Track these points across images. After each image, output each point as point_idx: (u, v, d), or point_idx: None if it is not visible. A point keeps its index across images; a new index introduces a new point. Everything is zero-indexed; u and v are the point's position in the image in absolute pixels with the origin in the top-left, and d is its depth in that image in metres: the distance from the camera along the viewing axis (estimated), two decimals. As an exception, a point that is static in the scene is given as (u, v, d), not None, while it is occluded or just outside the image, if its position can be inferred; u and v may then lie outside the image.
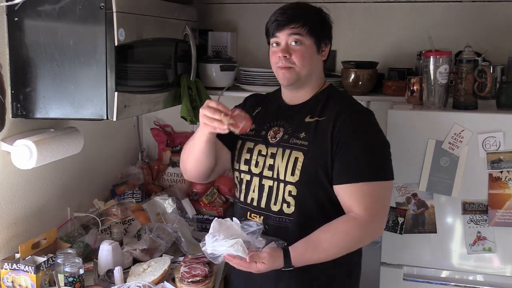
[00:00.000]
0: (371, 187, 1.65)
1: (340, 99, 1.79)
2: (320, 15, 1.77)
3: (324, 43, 1.76)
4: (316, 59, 1.75)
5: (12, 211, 1.94)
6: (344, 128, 1.67)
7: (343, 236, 1.65)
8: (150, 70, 2.12)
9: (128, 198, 2.49)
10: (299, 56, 1.71)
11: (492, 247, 2.08)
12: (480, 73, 2.11)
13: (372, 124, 1.74)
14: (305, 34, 1.70)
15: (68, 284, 1.79)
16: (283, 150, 1.73)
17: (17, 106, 1.86)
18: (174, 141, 2.94)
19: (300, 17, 1.70)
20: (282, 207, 1.73)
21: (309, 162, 1.69)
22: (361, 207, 1.64)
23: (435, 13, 2.55)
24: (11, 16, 1.81)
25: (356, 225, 1.64)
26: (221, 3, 2.78)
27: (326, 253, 1.66)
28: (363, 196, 1.64)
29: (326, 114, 1.72)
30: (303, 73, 1.72)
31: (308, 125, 1.73)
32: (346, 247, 1.68)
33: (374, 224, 1.67)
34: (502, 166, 2.03)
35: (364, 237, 1.69)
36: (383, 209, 1.70)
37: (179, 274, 1.93)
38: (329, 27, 1.79)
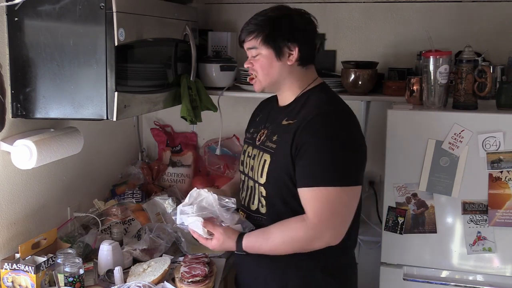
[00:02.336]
0: (321, 192, 1.63)
1: (315, 100, 1.75)
2: (281, 20, 1.72)
3: (287, 48, 1.72)
4: (277, 66, 1.74)
5: (12, 211, 1.94)
6: (304, 131, 1.66)
7: (289, 234, 1.67)
8: (150, 70, 2.12)
9: (128, 198, 2.49)
10: (258, 66, 1.76)
11: (492, 247, 2.08)
12: (480, 73, 2.11)
13: (333, 127, 1.67)
14: (260, 44, 1.73)
15: (68, 284, 1.79)
16: (259, 152, 1.80)
17: (17, 106, 1.86)
18: (174, 141, 2.94)
19: (254, 29, 1.73)
20: (258, 206, 1.81)
21: (274, 165, 1.73)
22: (311, 211, 1.64)
23: (435, 13, 2.55)
24: (11, 16, 1.81)
25: (303, 226, 1.65)
26: (221, 3, 2.78)
27: (274, 247, 1.69)
28: (313, 201, 1.64)
29: (298, 117, 1.72)
30: (266, 81, 1.77)
31: (282, 128, 1.75)
32: (292, 246, 1.68)
33: (323, 230, 1.64)
34: (502, 166, 2.03)
35: (311, 240, 1.66)
36: (335, 216, 1.65)
37: (179, 274, 1.93)
38: (293, 29, 1.72)
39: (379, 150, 2.27)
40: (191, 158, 2.88)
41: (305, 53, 1.74)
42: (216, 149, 2.81)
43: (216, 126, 2.78)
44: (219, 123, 2.71)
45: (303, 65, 1.76)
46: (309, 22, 1.76)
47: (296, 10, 1.76)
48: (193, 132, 2.96)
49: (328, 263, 1.75)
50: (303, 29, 1.73)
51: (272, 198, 1.75)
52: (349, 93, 2.47)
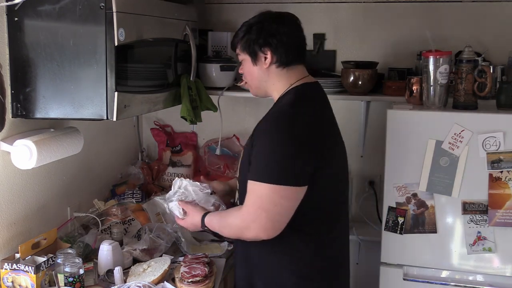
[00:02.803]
0: (254, 186, 1.69)
1: (284, 100, 1.79)
2: (251, 27, 1.79)
3: (261, 52, 1.78)
4: (255, 70, 1.81)
5: (12, 211, 1.94)
6: (256, 130, 1.76)
7: (229, 219, 1.78)
8: (150, 70, 2.12)
9: (128, 198, 2.49)
10: (244, 72, 1.87)
11: (492, 247, 2.08)
12: (480, 73, 2.11)
13: (277, 127, 1.70)
14: (240, 52, 1.83)
15: (68, 284, 1.79)
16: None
17: (17, 106, 1.86)
18: (174, 141, 2.94)
19: (236, 38, 1.84)
20: (236, 199, 1.94)
21: (242, 160, 1.84)
22: (245, 202, 1.72)
23: (435, 13, 2.55)
24: (11, 16, 1.81)
25: (236, 214, 1.75)
26: (221, 3, 2.78)
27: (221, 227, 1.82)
28: (248, 193, 1.72)
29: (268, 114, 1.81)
30: (253, 85, 1.87)
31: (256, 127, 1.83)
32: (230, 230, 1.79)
33: (249, 221, 1.70)
34: (502, 166, 2.03)
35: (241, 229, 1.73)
36: (260, 210, 1.66)
37: (179, 274, 1.93)
38: (264, 33, 1.77)
39: (379, 150, 2.27)
40: (191, 158, 2.88)
41: (281, 55, 1.78)
42: (216, 149, 2.81)
43: (216, 126, 2.78)
44: (219, 123, 2.71)
45: (283, 66, 1.79)
46: (283, 25, 1.79)
47: (274, 15, 1.81)
48: (193, 132, 2.96)
49: (299, 266, 1.77)
50: (274, 33, 1.77)
51: (242, 192, 1.80)
52: (349, 93, 2.47)
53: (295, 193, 1.68)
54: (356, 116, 2.68)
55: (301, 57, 1.83)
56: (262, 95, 1.90)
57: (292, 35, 1.79)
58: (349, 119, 2.70)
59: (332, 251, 1.84)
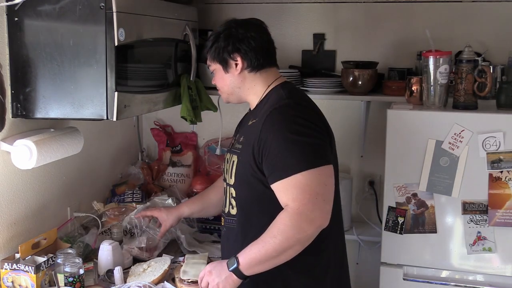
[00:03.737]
0: (295, 179, 1.62)
1: (275, 96, 1.78)
2: (218, 36, 1.81)
3: (231, 59, 1.79)
4: (227, 78, 1.82)
5: (12, 211, 1.94)
6: (264, 130, 1.69)
7: (276, 226, 1.61)
8: (150, 70, 2.12)
9: (128, 198, 2.48)
10: (216, 81, 1.88)
11: (492, 247, 2.08)
12: (480, 73, 2.11)
13: (287, 117, 1.69)
14: (211, 61, 1.85)
15: (68, 284, 1.80)
16: (230, 155, 1.85)
17: (17, 106, 1.86)
18: (174, 141, 2.94)
19: (206, 47, 1.86)
20: (229, 209, 1.83)
21: (240, 164, 1.77)
22: (289, 199, 1.62)
23: (435, 13, 2.55)
24: (11, 16, 1.81)
25: (286, 214, 1.61)
26: (221, 3, 2.78)
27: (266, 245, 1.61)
28: (289, 190, 1.63)
29: (259, 115, 1.76)
30: (225, 92, 1.88)
31: (248, 128, 1.80)
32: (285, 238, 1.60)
33: (309, 212, 1.60)
34: (502, 166, 2.03)
35: (301, 226, 1.60)
36: (315, 196, 1.61)
37: (179, 274, 1.93)
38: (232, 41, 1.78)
39: (379, 150, 2.27)
40: (191, 158, 2.88)
41: (252, 60, 1.78)
42: (216, 149, 2.81)
43: (216, 126, 2.78)
44: (219, 123, 2.71)
45: (255, 70, 1.80)
46: (250, 30, 1.79)
47: (239, 21, 1.82)
48: (193, 132, 2.96)
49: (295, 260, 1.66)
50: (242, 38, 1.78)
51: (241, 198, 1.77)
52: (349, 93, 2.47)
53: (331, 170, 1.68)
54: (356, 116, 2.68)
55: (272, 60, 1.85)
56: (235, 101, 1.90)
57: (259, 39, 1.80)
58: (349, 119, 2.70)
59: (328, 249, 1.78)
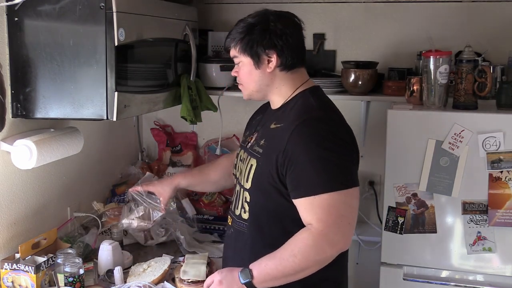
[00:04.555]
0: (321, 199, 1.56)
1: (304, 104, 1.69)
2: (254, 27, 1.68)
3: (265, 55, 1.68)
4: (257, 74, 1.71)
5: (12, 211, 1.94)
6: (293, 141, 1.60)
7: (297, 246, 1.57)
8: (150, 70, 2.12)
9: (128, 198, 2.49)
10: (240, 75, 1.76)
11: (492, 247, 2.08)
12: (480, 73, 2.11)
13: (320, 133, 1.61)
14: (239, 53, 1.72)
15: (68, 284, 1.80)
16: (247, 156, 1.77)
17: (17, 106, 1.86)
18: (174, 141, 2.94)
19: (233, 38, 1.72)
20: (241, 212, 1.76)
21: (259, 170, 1.69)
22: (314, 219, 1.57)
23: (435, 13, 2.55)
24: (11, 16, 1.81)
25: (308, 235, 1.57)
26: (221, 3, 2.78)
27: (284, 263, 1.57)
28: (315, 209, 1.57)
29: (286, 121, 1.67)
30: (250, 88, 1.75)
31: (270, 132, 1.72)
32: (305, 258, 1.57)
33: (331, 234, 1.57)
34: (502, 166, 2.03)
35: (322, 248, 1.57)
36: (340, 218, 1.57)
37: (179, 274, 1.93)
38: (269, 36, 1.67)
39: (379, 150, 2.27)
40: (191, 158, 2.87)
41: (287, 58, 1.69)
42: (216, 149, 2.81)
43: (216, 126, 2.78)
44: (219, 123, 2.71)
45: (287, 70, 1.71)
46: (289, 25, 1.70)
47: (276, 14, 1.71)
48: (193, 132, 2.96)
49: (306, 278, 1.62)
50: (281, 34, 1.67)
51: (255, 205, 1.70)
52: (349, 93, 2.47)
53: (357, 192, 1.63)
54: (356, 116, 2.68)
55: (304, 59, 1.76)
56: (258, 99, 1.81)
57: (296, 36, 1.71)
58: (349, 119, 2.65)
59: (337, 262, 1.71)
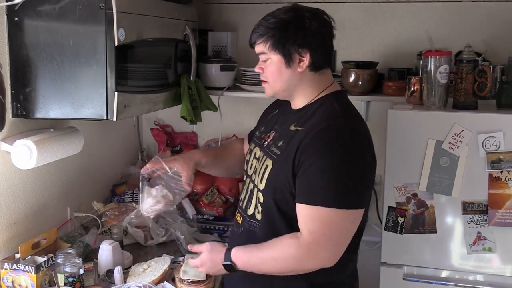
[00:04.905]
0: (318, 212, 1.52)
1: (327, 110, 1.63)
2: (288, 24, 1.59)
3: (298, 54, 1.60)
4: (287, 73, 1.63)
5: (12, 211, 1.94)
6: (310, 145, 1.55)
7: (281, 250, 1.57)
8: (150, 70, 2.12)
9: (128, 198, 2.49)
10: (267, 72, 1.66)
11: (492, 247, 2.08)
12: (480, 73, 2.11)
13: (340, 144, 1.55)
14: (269, 50, 1.62)
15: (68, 284, 1.79)
16: (263, 155, 1.72)
17: (17, 106, 1.86)
18: (174, 141, 2.94)
19: (264, 33, 1.61)
20: (254, 212, 1.72)
21: (274, 172, 1.64)
22: (306, 229, 1.54)
23: (435, 13, 2.55)
24: (11, 16, 1.81)
25: (294, 243, 1.55)
26: (221, 3, 2.78)
27: (265, 261, 1.59)
28: (310, 219, 1.54)
29: (306, 125, 1.62)
30: (277, 87, 1.67)
31: (289, 133, 1.66)
32: (284, 263, 1.58)
33: (317, 250, 1.54)
34: (502, 166, 2.03)
35: (304, 259, 1.56)
36: (330, 238, 1.54)
37: (179, 274, 1.92)
38: (305, 35, 1.59)
39: (379, 150, 2.26)
40: (191, 158, 2.87)
41: (318, 58, 1.62)
42: (216, 149, 2.81)
43: (216, 126, 2.78)
44: (219, 123, 2.71)
45: (315, 70, 1.64)
46: (324, 24, 1.63)
47: (311, 11, 1.63)
48: (193, 132, 2.96)
49: (317, 279, 1.63)
50: (316, 33, 1.60)
51: (269, 206, 1.66)
52: (349, 93, 2.47)
53: (360, 215, 1.58)
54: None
55: (331, 60, 1.71)
56: (283, 98, 1.73)
57: (329, 36, 1.65)
58: (349, 119, 2.69)
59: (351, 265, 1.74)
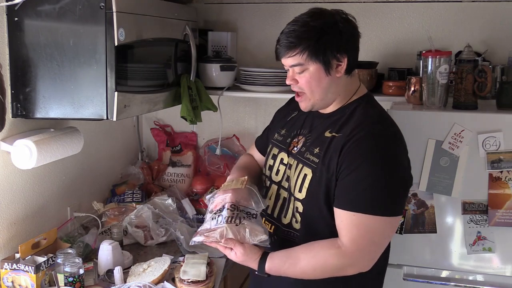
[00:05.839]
0: (361, 219, 1.52)
1: (363, 115, 1.61)
2: (325, 32, 1.55)
3: (335, 59, 1.56)
4: (326, 80, 1.58)
5: (12, 211, 1.94)
6: (351, 150, 1.54)
7: (321, 261, 1.56)
8: (150, 70, 2.12)
9: (128, 198, 2.49)
10: (304, 84, 1.59)
11: (492, 247, 2.08)
12: (480, 73, 2.11)
13: (384, 152, 1.55)
14: (306, 60, 1.55)
15: (68, 284, 1.80)
16: (297, 163, 1.67)
17: (17, 106, 1.86)
18: (174, 141, 2.94)
19: (298, 43, 1.54)
20: (291, 221, 1.68)
21: (316, 181, 1.61)
22: (347, 236, 1.54)
23: (435, 13, 2.55)
24: (11, 16, 1.81)
25: (336, 253, 1.55)
26: (221, 3, 2.78)
27: (303, 273, 1.59)
28: (351, 226, 1.53)
29: (343, 131, 1.59)
30: (316, 98, 1.62)
31: (325, 140, 1.62)
32: (322, 273, 1.58)
33: (358, 258, 1.55)
34: (502, 166, 2.03)
35: (343, 268, 1.57)
36: (371, 244, 1.55)
37: (179, 274, 1.93)
38: (340, 39, 1.56)
39: (379, 150, 2.27)
40: (191, 158, 2.88)
41: (353, 60, 1.60)
42: (216, 149, 2.81)
43: (216, 126, 2.78)
44: (219, 123, 2.71)
45: (349, 73, 1.62)
46: (353, 25, 1.61)
47: (338, 14, 1.59)
48: (193, 132, 2.96)
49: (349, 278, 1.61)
50: (350, 36, 1.58)
51: (310, 215, 1.63)
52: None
53: (398, 221, 1.61)
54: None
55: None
56: (319, 108, 1.67)
57: (358, 36, 1.62)
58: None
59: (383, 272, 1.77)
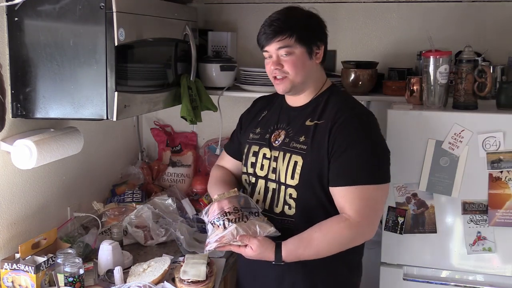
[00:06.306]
0: (362, 190, 1.69)
1: (340, 100, 1.80)
2: (309, 20, 1.78)
3: (316, 47, 1.78)
4: (309, 65, 1.77)
5: (12, 211, 1.94)
6: (340, 132, 1.71)
7: (334, 235, 1.71)
8: (150, 70, 2.12)
9: (128, 198, 2.49)
10: (291, 66, 1.75)
11: (492, 247, 2.08)
12: (480, 73, 2.11)
13: (368, 128, 1.75)
14: (294, 43, 1.73)
15: (68, 284, 1.79)
16: (284, 153, 1.80)
17: (17, 106, 1.86)
18: (174, 141, 2.94)
19: (287, 27, 1.72)
20: (283, 209, 1.80)
21: (308, 166, 1.74)
22: (352, 209, 1.69)
23: (435, 13, 2.55)
24: (11, 16, 1.81)
25: (347, 225, 1.69)
26: (221, 3, 2.78)
27: (317, 250, 1.71)
28: (355, 199, 1.70)
29: (325, 118, 1.76)
30: (297, 80, 1.77)
31: (308, 128, 1.78)
32: (337, 246, 1.73)
33: (364, 226, 1.72)
34: (502, 166, 2.03)
35: (354, 238, 1.74)
36: (374, 212, 1.75)
37: (179, 274, 1.93)
38: (320, 29, 1.81)
39: (379, 150, 2.27)
40: (191, 158, 2.88)
41: (325, 51, 1.82)
42: (216, 149, 2.81)
43: (216, 126, 2.78)
44: (219, 123, 2.71)
45: (323, 63, 1.83)
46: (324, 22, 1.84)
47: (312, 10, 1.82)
48: (193, 132, 2.96)
49: (351, 259, 1.85)
50: (325, 28, 1.82)
51: (304, 199, 1.76)
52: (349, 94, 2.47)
53: (388, 188, 1.80)
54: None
55: None
56: (297, 93, 1.82)
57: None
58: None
59: None
